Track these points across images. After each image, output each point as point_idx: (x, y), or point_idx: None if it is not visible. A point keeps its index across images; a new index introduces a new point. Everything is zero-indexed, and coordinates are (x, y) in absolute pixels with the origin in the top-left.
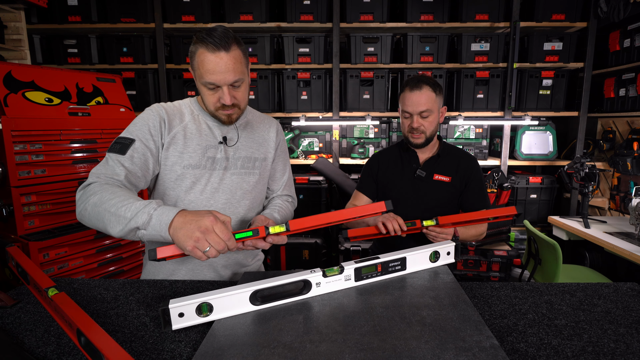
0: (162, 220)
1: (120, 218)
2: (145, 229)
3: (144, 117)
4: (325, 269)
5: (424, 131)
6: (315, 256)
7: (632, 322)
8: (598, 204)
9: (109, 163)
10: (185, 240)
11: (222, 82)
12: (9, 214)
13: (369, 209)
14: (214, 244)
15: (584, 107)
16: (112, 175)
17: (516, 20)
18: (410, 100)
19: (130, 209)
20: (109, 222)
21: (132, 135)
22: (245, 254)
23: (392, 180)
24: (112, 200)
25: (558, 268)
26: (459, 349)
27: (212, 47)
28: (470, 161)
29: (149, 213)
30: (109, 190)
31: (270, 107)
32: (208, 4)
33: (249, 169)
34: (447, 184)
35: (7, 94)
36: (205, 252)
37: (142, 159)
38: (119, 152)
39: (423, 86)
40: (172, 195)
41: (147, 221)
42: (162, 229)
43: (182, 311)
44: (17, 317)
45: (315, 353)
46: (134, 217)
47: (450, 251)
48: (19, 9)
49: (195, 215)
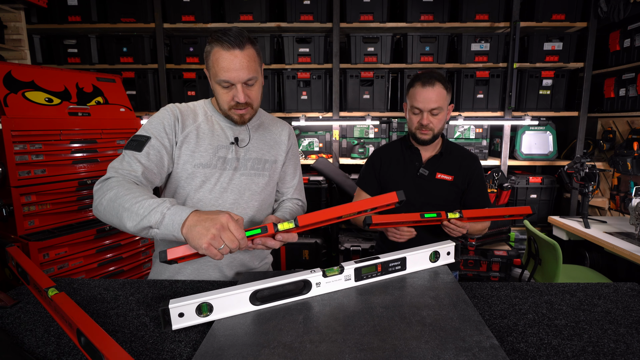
0: (175, 220)
1: (133, 214)
2: (158, 228)
3: (160, 116)
4: (325, 269)
5: (432, 128)
6: (315, 256)
7: (632, 322)
8: (598, 204)
9: (125, 159)
10: (200, 238)
11: (236, 80)
12: (9, 214)
13: (381, 200)
14: (228, 241)
15: (584, 107)
16: (130, 171)
17: (516, 20)
18: (422, 96)
19: (143, 206)
20: (122, 217)
21: (147, 133)
22: (251, 256)
23: (394, 178)
24: (127, 196)
25: (558, 268)
26: (459, 349)
27: (227, 45)
28: (472, 160)
29: (162, 212)
30: (125, 186)
31: (270, 107)
32: (208, 4)
33: (258, 170)
34: (449, 183)
35: (7, 94)
36: (220, 249)
37: (158, 156)
38: (136, 149)
39: (435, 82)
40: (182, 194)
41: (160, 220)
42: (174, 228)
43: (182, 311)
44: (17, 317)
45: (315, 353)
46: (147, 215)
47: (450, 251)
48: (19, 9)
49: (210, 214)
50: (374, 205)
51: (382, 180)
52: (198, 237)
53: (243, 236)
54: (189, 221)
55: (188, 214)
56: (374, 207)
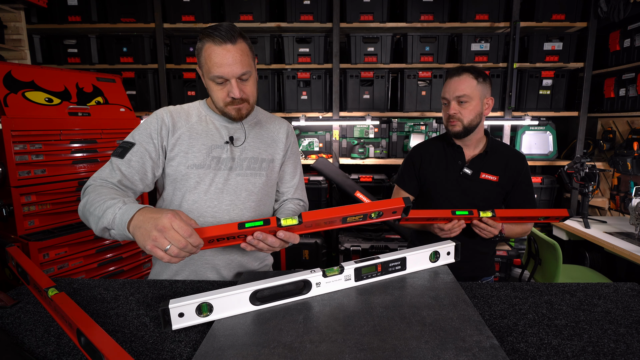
0: (123, 219)
1: (95, 217)
2: (113, 228)
3: (147, 122)
4: (325, 269)
5: (460, 119)
6: (315, 256)
7: (632, 322)
8: (598, 204)
9: (107, 167)
10: (144, 240)
11: (230, 75)
12: (9, 214)
13: (386, 204)
14: (174, 241)
15: (584, 107)
16: (106, 178)
17: (516, 20)
18: (449, 86)
19: (101, 208)
20: (89, 222)
21: (133, 140)
22: (250, 257)
23: (435, 177)
24: (95, 200)
25: (558, 268)
26: (459, 349)
27: (219, 40)
28: (519, 160)
29: (113, 212)
30: (96, 191)
31: (270, 107)
32: (208, 4)
33: (255, 169)
34: (494, 184)
35: (7, 94)
36: (166, 250)
37: (140, 162)
38: (119, 156)
39: (463, 73)
40: (178, 195)
41: (112, 220)
42: (123, 227)
43: (182, 311)
44: (17, 317)
45: (315, 353)
46: (102, 216)
47: (450, 251)
48: (19, 9)
49: (154, 213)
50: (379, 208)
51: (422, 178)
52: (142, 239)
53: (190, 233)
54: (134, 221)
55: (134, 212)
56: (378, 209)
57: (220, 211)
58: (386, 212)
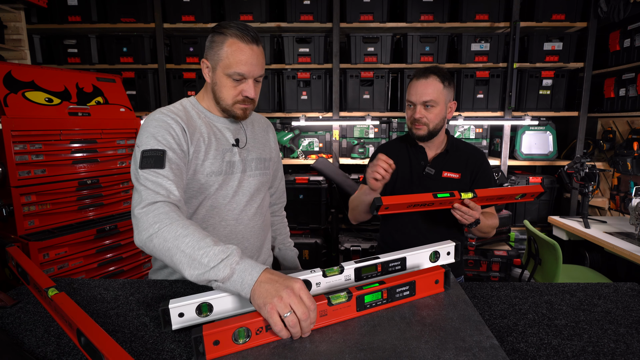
0: (245, 280)
1: (196, 263)
2: (224, 282)
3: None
4: (325, 269)
5: (426, 123)
6: (315, 256)
7: (632, 322)
8: (598, 204)
9: (150, 179)
10: (266, 296)
11: (250, 74)
12: (9, 214)
13: (526, 189)
14: (297, 308)
15: (584, 107)
16: (170, 193)
17: (516, 20)
18: (415, 89)
19: (208, 255)
20: (180, 263)
21: (159, 146)
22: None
23: (400, 177)
24: (186, 238)
25: (558, 268)
26: (459, 349)
27: (248, 39)
28: (479, 156)
29: (231, 267)
30: (179, 224)
31: (270, 107)
32: (208, 4)
33: (261, 169)
34: (456, 181)
35: (7, 94)
36: (285, 316)
37: (178, 170)
38: (157, 167)
39: (430, 75)
40: (194, 203)
41: (229, 276)
42: (243, 289)
43: (182, 311)
44: (17, 317)
45: (315, 353)
46: (214, 268)
47: (450, 251)
48: (19, 9)
49: (282, 276)
50: (522, 191)
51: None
52: (264, 296)
53: (315, 308)
54: (260, 278)
55: (260, 272)
56: (522, 192)
57: (239, 212)
58: (528, 194)
